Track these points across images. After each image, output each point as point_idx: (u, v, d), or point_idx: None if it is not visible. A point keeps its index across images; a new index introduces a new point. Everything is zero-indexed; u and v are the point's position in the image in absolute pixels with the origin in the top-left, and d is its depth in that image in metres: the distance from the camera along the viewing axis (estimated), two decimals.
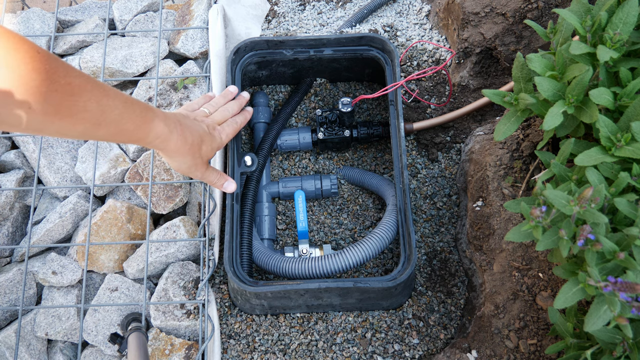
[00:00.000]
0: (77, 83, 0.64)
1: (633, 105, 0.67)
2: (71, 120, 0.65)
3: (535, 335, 0.84)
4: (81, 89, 0.65)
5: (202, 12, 1.23)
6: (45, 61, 0.60)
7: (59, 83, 0.62)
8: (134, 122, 0.73)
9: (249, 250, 0.99)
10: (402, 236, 0.95)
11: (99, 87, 0.68)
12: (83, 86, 0.65)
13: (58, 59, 0.63)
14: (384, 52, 1.09)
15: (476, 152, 1.01)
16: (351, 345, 0.96)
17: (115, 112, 0.70)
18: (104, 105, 0.68)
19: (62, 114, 0.64)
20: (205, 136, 0.87)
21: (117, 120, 0.71)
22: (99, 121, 0.69)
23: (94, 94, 0.66)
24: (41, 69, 0.59)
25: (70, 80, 0.63)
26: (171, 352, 0.96)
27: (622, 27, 0.70)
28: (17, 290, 1.02)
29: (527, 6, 1.05)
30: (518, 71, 0.77)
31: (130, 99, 0.74)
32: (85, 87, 0.65)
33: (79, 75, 0.65)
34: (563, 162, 0.70)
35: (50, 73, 0.60)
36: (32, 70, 0.58)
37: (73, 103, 0.64)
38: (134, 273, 1.03)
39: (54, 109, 0.62)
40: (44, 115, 0.62)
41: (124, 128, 0.73)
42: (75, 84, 0.64)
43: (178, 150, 0.82)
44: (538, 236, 0.63)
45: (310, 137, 1.12)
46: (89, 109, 0.66)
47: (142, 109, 0.75)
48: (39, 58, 0.59)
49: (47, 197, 1.13)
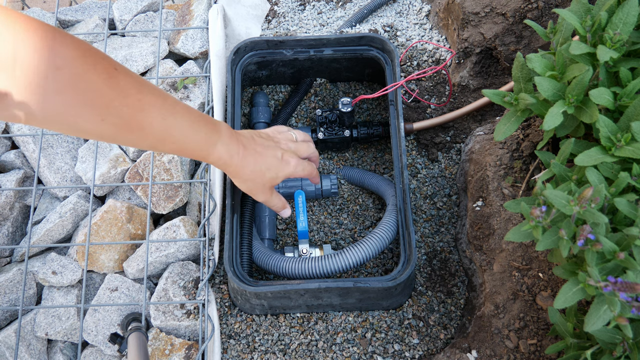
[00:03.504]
0: (148, 100, 0.67)
1: (633, 105, 0.67)
2: (140, 134, 0.69)
3: (535, 335, 0.84)
4: (150, 105, 0.68)
5: (202, 12, 1.23)
6: (121, 78, 0.64)
7: (131, 99, 0.65)
8: (196, 143, 0.75)
9: (249, 250, 0.99)
10: (402, 236, 0.95)
11: (168, 105, 0.70)
12: (153, 102, 0.68)
13: (133, 74, 0.67)
14: (384, 52, 1.09)
15: (476, 152, 1.01)
16: (351, 345, 0.96)
17: (180, 132, 0.72)
18: (169, 123, 0.70)
19: (132, 127, 0.67)
20: (273, 163, 0.85)
21: (181, 140, 0.73)
22: (163, 137, 0.71)
23: (161, 112, 0.69)
24: (116, 86, 0.63)
25: (142, 96, 0.66)
26: (171, 352, 0.96)
27: (622, 27, 0.70)
28: (17, 290, 1.02)
29: (527, 6, 1.05)
30: (518, 71, 0.77)
31: (199, 118, 0.75)
32: (155, 103, 0.68)
33: (150, 92, 0.68)
34: (563, 162, 0.70)
35: (124, 89, 0.64)
36: (108, 86, 0.62)
37: (142, 118, 0.67)
38: (134, 273, 1.03)
39: (124, 123, 0.66)
40: (116, 128, 0.66)
41: (187, 147, 0.75)
42: (145, 100, 0.67)
43: (238, 175, 0.84)
44: (538, 236, 0.63)
45: (310, 137, 1.12)
46: (155, 126, 0.69)
47: (207, 130, 0.76)
48: (116, 75, 0.63)
49: (47, 197, 1.13)
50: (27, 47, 0.54)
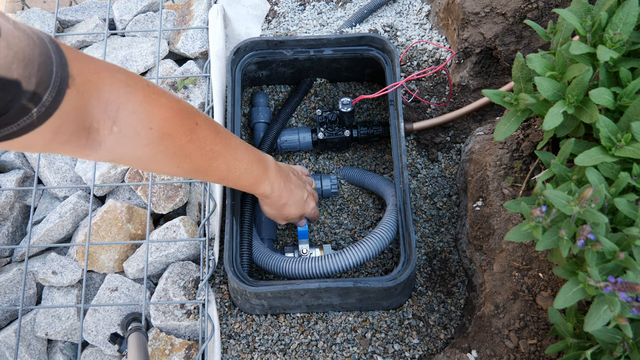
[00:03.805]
0: (218, 149, 0.75)
1: (633, 105, 0.67)
2: (204, 176, 0.80)
3: (535, 335, 0.84)
4: (220, 154, 0.76)
5: (202, 12, 1.23)
6: (200, 132, 0.71)
7: (205, 150, 0.73)
8: (249, 182, 0.86)
9: (249, 250, 0.99)
10: (402, 236, 0.95)
11: (232, 151, 0.79)
12: (221, 151, 0.76)
13: (210, 125, 0.74)
14: (384, 52, 1.09)
15: (476, 152, 1.01)
16: (351, 345, 0.96)
17: (238, 173, 0.81)
18: (231, 167, 0.79)
19: (200, 172, 0.77)
20: (299, 202, 0.96)
21: (237, 179, 0.83)
22: (224, 178, 0.82)
23: (226, 158, 0.78)
24: (195, 140, 0.70)
25: (214, 147, 0.74)
26: (171, 352, 0.96)
27: (622, 27, 0.70)
28: (17, 290, 1.02)
29: (527, 6, 1.05)
30: (518, 71, 0.77)
31: (253, 159, 0.84)
32: (223, 152, 0.76)
33: (221, 141, 0.76)
34: (563, 162, 0.70)
35: (201, 142, 0.72)
36: (189, 141, 0.70)
37: (209, 165, 0.76)
38: (134, 273, 1.03)
39: (195, 169, 0.75)
40: (187, 172, 0.75)
41: (240, 184, 0.86)
42: (216, 150, 0.75)
43: (270, 205, 0.94)
44: (538, 236, 0.63)
45: (310, 137, 1.12)
46: (219, 169, 0.78)
47: (260, 170, 0.86)
48: (196, 130, 0.70)
49: (47, 197, 1.13)
50: (127, 109, 0.61)
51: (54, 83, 0.51)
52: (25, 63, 0.47)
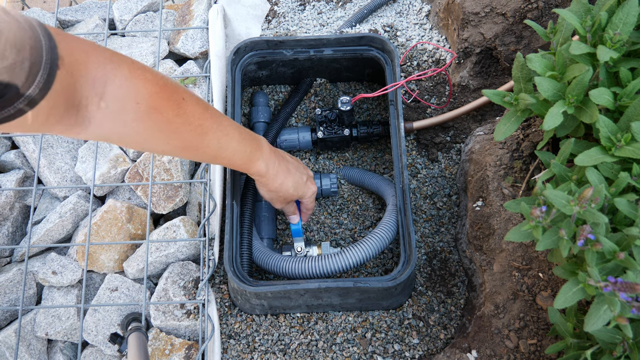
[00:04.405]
0: (207, 125, 0.75)
1: (633, 105, 0.67)
2: (196, 153, 0.79)
3: (535, 335, 0.84)
4: (209, 129, 0.75)
5: (202, 12, 1.23)
6: (188, 107, 0.71)
7: (193, 125, 0.72)
8: (242, 159, 0.85)
9: (249, 250, 0.99)
10: (402, 236, 0.95)
11: (222, 127, 0.78)
12: (210, 127, 0.75)
13: (198, 101, 0.74)
14: (384, 52, 1.09)
15: (476, 152, 1.01)
16: (351, 345, 0.96)
17: (230, 150, 0.81)
18: (223, 143, 0.79)
19: (190, 149, 0.77)
20: (299, 183, 0.95)
21: (230, 157, 0.82)
22: (216, 155, 0.81)
23: (217, 135, 0.77)
24: (183, 114, 0.70)
25: (202, 122, 0.74)
26: (171, 352, 0.96)
27: (622, 27, 0.70)
28: (17, 290, 1.02)
29: (527, 6, 1.05)
30: (518, 71, 0.77)
31: (246, 137, 0.83)
32: (212, 127, 0.76)
33: (210, 117, 0.75)
34: (563, 162, 0.70)
35: (189, 117, 0.71)
36: (176, 115, 0.70)
37: (200, 141, 0.75)
38: (134, 273, 1.03)
39: (185, 145, 0.75)
40: (177, 149, 0.75)
41: (233, 163, 0.85)
42: (205, 126, 0.74)
43: (266, 185, 0.92)
44: (538, 236, 0.63)
45: (309, 136, 1.12)
46: (210, 146, 0.77)
47: (252, 147, 0.85)
48: (184, 105, 0.70)
49: (47, 197, 1.13)
50: (114, 84, 0.62)
51: (45, 65, 0.52)
52: (17, 49, 0.49)
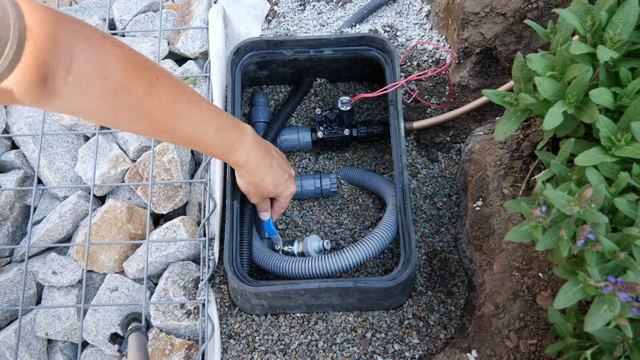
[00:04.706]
0: (183, 108, 0.73)
1: (633, 105, 0.67)
2: (171, 136, 0.76)
3: (535, 335, 0.84)
4: (185, 113, 0.74)
5: (202, 12, 1.23)
6: (161, 88, 0.69)
7: (166, 107, 0.71)
8: (220, 148, 0.83)
9: (249, 250, 0.99)
10: (402, 236, 0.95)
11: (200, 112, 0.76)
12: (187, 110, 0.74)
13: (174, 83, 0.72)
14: (384, 52, 1.09)
15: (476, 152, 1.01)
16: (351, 345, 0.96)
17: (207, 137, 0.79)
18: (199, 129, 0.77)
19: (163, 132, 0.74)
20: (280, 180, 0.94)
21: (207, 143, 0.80)
22: (191, 141, 0.79)
23: (193, 120, 0.75)
24: (155, 95, 0.68)
25: (177, 105, 0.72)
26: (171, 352, 0.96)
27: (622, 27, 0.70)
28: (17, 290, 1.02)
29: (527, 6, 1.05)
30: (518, 71, 0.77)
31: (227, 124, 0.81)
32: (189, 112, 0.74)
33: (187, 100, 0.73)
34: (563, 162, 0.70)
35: (162, 99, 0.70)
36: (148, 96, 0.68)
37: (174, 124, 0.73)
38: (134, 273, 1.03)
39: (158, 127, 0.73)
40: (149, 130, 0.74)
41: (212, 150, 0.83)
42: (180, 109, 0.73)
43: (245, 177, 0.91)
44: (538, 236, 0.63)
45: (310, 136, 1.12)
46: (185, 131, 0.75)
47: (233, 137, 0.83)
48: (157, 85, 0.68)
49: (47, 197, 1.13)
50: (80, 58, 0.60)
51: (13, 36, 0.51)
52: None
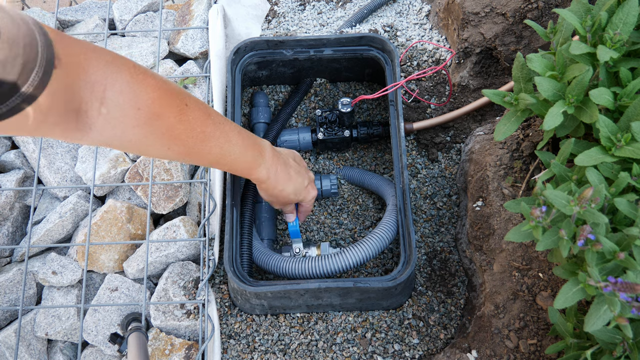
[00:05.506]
0: (209, 131, 0.75)
1: (633, 105, 0.67)
2: (197, 159, 0.79)
3: (535, 335, 0.84)
4: (211, 136, 0.75)
5: (202, 12, 1.23)
6: (190, 113, 0.71)
7: (196, 131, 0.73)
8: (243, 166, 0.85)
9: (249, 250, 0.99)
10: (402, 236, 0.95)
11: (225, 134, 0.78)
12: (213, 134, 0.75)
13: (201, 106, 0.73)
14: (384, 52, 1.09)
15: (476, 152, 1.01)
16: (351, 345, 0.96)
17: (232, 157, 0.81)
18: (225, 150, 0.79)
19: (192, 155, 0.76)
20: (299, 188, 0.95)
21: (232, 163, 0.82)
22: (218, 161, 0.81)
23: (219, 141, 0.77)
24: (185, 121, 0.70)
25: (205, 129, 0.74)
26: (171, 352, 0.96)
27: (622, 27, 0.70)
28: (17, 290, 1.02)
29: (527, 6, 1.05)
30: (518, 71, 0.77)
31: (248, 143, 0.83)
32: (215, 134, 0.76)
33: (212, 123, 0.75)
34: (563, 162, 0.70)
35: (191, 124, 0.72)
36: (178, 122, 0.69)
37: (202, 147, 0.75)
38: (134, 273, 1.03)
39: (186, 151, 0.74)
40: (178, 154, 0.75)
41: (235, 169, 0.85)
42: (207, 132, 0.74)
43: (267, 190, 0.92)
44: (538, 236, 0.63)
45: (310, 137, 1.12)
46: (213, 153, 0.77)
47: (254, 154, 0.85)
48: (186, 111, 0.70)
49: (47, 197, 1.13)
50: (114, 89, 0.61)
51: (40, 63, 0.52)
52: (10, 44, 0.48)
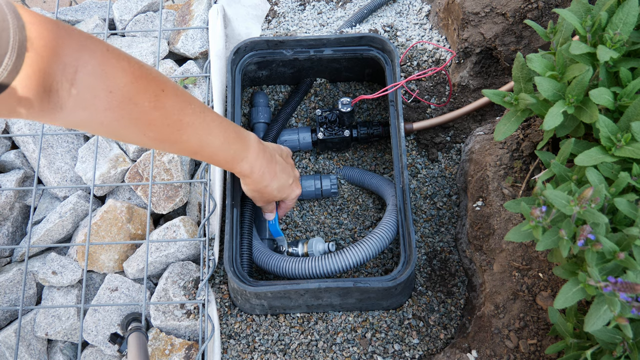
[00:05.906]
0: (188, 120, 0.73)
1: (633, 105, 0.67)
2: (174, 147, 0.78)
3: (535, 335, 0.84)
4: (189, 124, 0.74)
5: (202, 12, 1.23)
6: (167, 100, 0.70)
7: (172, 119, 0.71)
8: (225, 158, 0.83)
9: (249, 250, 0.99)
10: (402, 236, 0.95)
11: (206, 124, 0.76)
12: (192, 122, 0.74)
13: (179, 93, 0.72)
14: (384, 52, 1.09)
15: (476, 152, 1.01)
16: (351, 345, 0.96)
17: (212, 148, 0.79)
18: (204, 141, 0.77)
19: (167, 142, 0.75)
20: (284, 186, 0.94)
21: (211, 154, 0.81)
22: (197, 152, 0.79)
23: (197, 132, 0.76)
24: (160, 107, 0.69)
25: (182, 117, 0.73)
26: (171, 352, 0.96)
27: (622, 27, 0.70)
28: (17, 290, 1.02)
29: (527, 6, 1.05)
30: (518, 71, 0.77)
31: (232, 135, 0.81)
32: (194, 122, 0.74)
33: (192, 113, 0.74)
34: (563, 162, 0.70)
35: (168, 111, 0.70)
36: (153, 108, 0.68)
37: (179, 136, 0.74)
38: (134, 273, 1.03)
39: (163, 138, 0.73)
40: (155, 141, 0.74)
41: (216, 161, 0.84)
42: (185, 121, 0.73)
43: (250, 185, 0.91)
44: (538, 236, 0.63)
45: (310, 137, 1.12)
46: (190, 142, 0.76)
47: (237, 148, 0.83)
48: (162, 97, 0.69)
49: (47, 197, 1.13)
50: (85, 71, 0.60)
51: (13, 46, 0.51)
52: None
